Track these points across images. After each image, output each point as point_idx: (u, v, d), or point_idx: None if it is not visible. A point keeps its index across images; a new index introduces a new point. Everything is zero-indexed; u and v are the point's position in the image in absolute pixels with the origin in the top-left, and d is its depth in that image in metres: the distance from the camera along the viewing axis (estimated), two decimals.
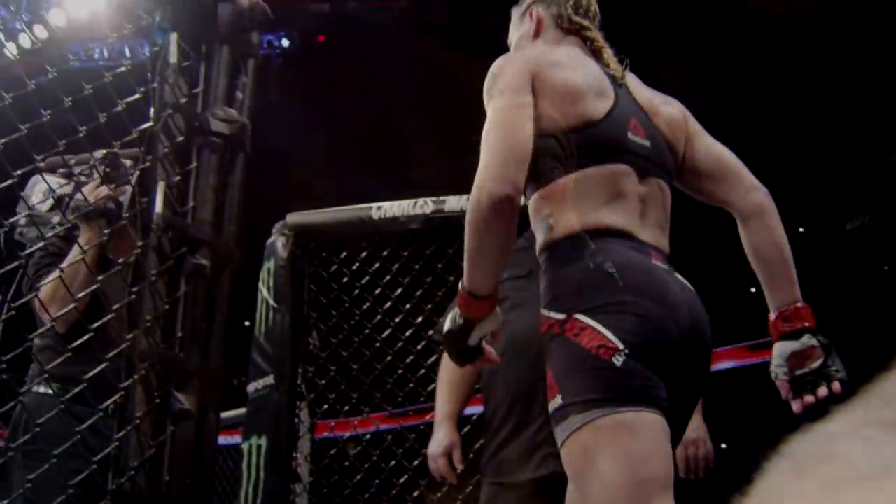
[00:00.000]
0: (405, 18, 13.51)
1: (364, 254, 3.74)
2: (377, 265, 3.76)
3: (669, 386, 1.84)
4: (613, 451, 1.73)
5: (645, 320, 1.80)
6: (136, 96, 2.52)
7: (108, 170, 2.88)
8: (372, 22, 13.65)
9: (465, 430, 3.16)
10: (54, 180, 2.89)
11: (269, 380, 3.51)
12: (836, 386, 1.99)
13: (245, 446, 3.57)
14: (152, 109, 2.53)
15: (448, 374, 2.94)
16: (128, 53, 11.73)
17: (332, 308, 3.80)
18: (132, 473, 2.27)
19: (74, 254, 2.82)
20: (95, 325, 2.41)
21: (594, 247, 1.87)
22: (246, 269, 2.60)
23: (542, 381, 2.64)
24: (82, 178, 2.89)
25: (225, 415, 3.44)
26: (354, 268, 3.75)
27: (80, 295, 2.58)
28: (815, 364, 2.02)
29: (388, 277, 3.76)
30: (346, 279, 3.78)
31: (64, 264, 2.77)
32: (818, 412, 1.97)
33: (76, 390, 2.41)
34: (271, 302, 3.59)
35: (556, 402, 1.85)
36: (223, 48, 2.65)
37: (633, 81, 2.19)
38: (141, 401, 2.30)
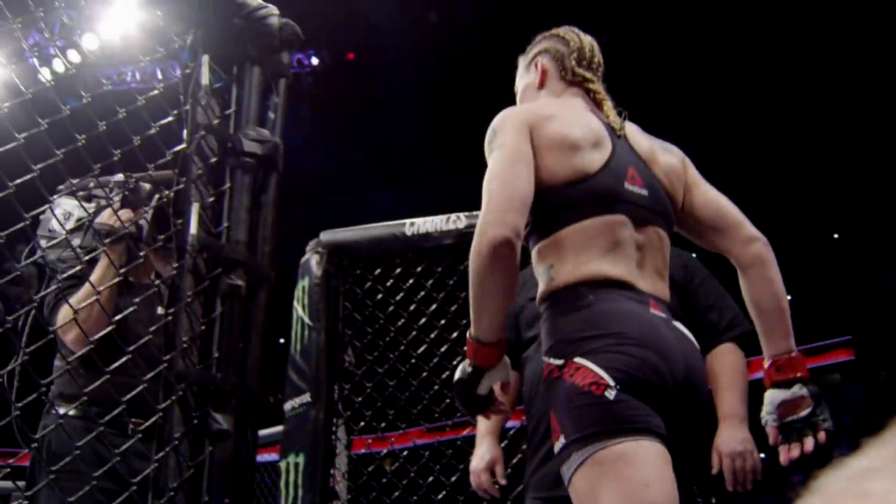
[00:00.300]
0: (434, 36, 13.57)
1: (398, 270, 3.75)
2: (411, 281, 3.77)
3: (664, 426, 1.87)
4: (614, 482, 1.76)
5: (637, 361, 1.84)
6: (170, 119, 2.54)
7: (127, 193, 2.91)
8: (401, 39, 13.71)
9: (503, 444, 3.14)
10: (74, 203, 2.92)
11: (306, 398, 3.52)
12: (822, 435, 2.03)
13: (283, 464, 3.57)
14: (185, 131, 2.55)
15: None
16: (160, 76, 11.88)
17: (366, 325, 3.80)
18: (171, 494, 2.27)
19: (96, 276, 2.84)
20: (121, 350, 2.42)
21: (592, 297, 1.92)
22: (280, 288, 2.61)
23: None
24: (102, 202, 2.92)
25: (262, 433, 3.45)
26: (388, 284, 3.76)
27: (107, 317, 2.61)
28: (804, 413, 2.06)
29: (422, 293, 3.76)
30: (380, 296, 3.78)
31: (84, 287, 2.79)
32: (809, 461, 2.05)
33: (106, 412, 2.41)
34: (306, 320, 3.60)
35: (559, 443, 1.89)
36: (254, 69, 2.67)
37: (632, 131, 2.23)
38: (179, 421, 2.31)
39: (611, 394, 1.79)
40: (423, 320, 3.78)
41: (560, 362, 1.90)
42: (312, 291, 3.63)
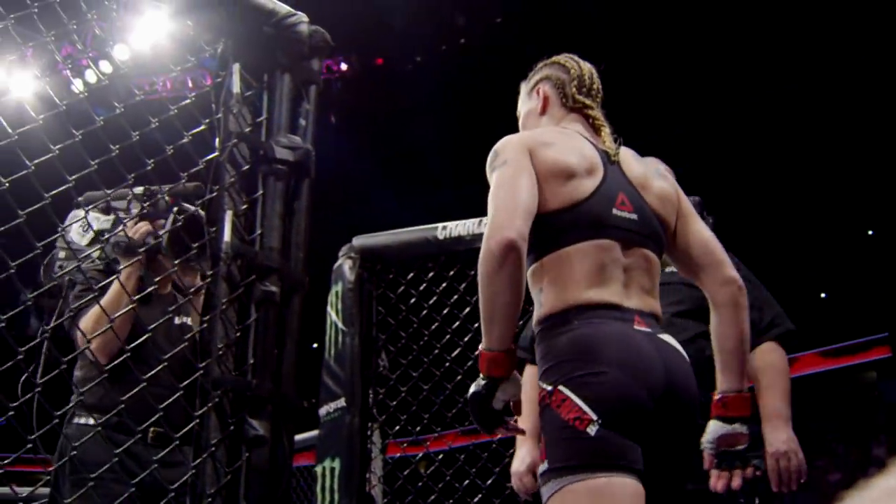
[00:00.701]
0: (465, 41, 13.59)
1: (430, 274, 3.75)
2: (444, 285, 3.77)
3: (648, 443, 1.98)
4: None
5: (617, 390, 1.94)
6: (202, 127, 2.56)
7: (146, 206, 2.93)
8: (431, 44, 13.74)
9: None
10: (92, 216, 2.95)
11: (341, 402, 3.53)
12: (749, 471, 2.25)
13: (319, 469, 3.59)
14: (217, 139, 2.57)
15: (529, 391, 2.93)
16: (190, 85, 11.97)
17: (400, 329, 3.81)
18: (209, 501, 2.29)
19: (115, 288, 2.86)
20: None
21: (577, 322, 2.02)
22: (313, 293, 2.62)
23: None
24: (121, 214, 2.94)
25: (297, 437, 3.46)
26: (421, 288, 3.76)
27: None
28: (740, 447, 2.23)
29: (455, 297, 3.76)
30: (413, 300, 3.78)
31: (105, 298, 2.81)
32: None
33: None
34: (340, 325, 3.61)
35: (542, 467, 2.00)
36: (285, 76, 2.68)
37: (627, 157, 2.31)
38: (215, 428, 2.32)
39: (592, 430, 1.90)
40: (457, 323, 3.78)
41: (549, 388, 2.00)
42: (346, 296, 3.64)
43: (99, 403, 2.79)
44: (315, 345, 3.98)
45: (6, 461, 2.26)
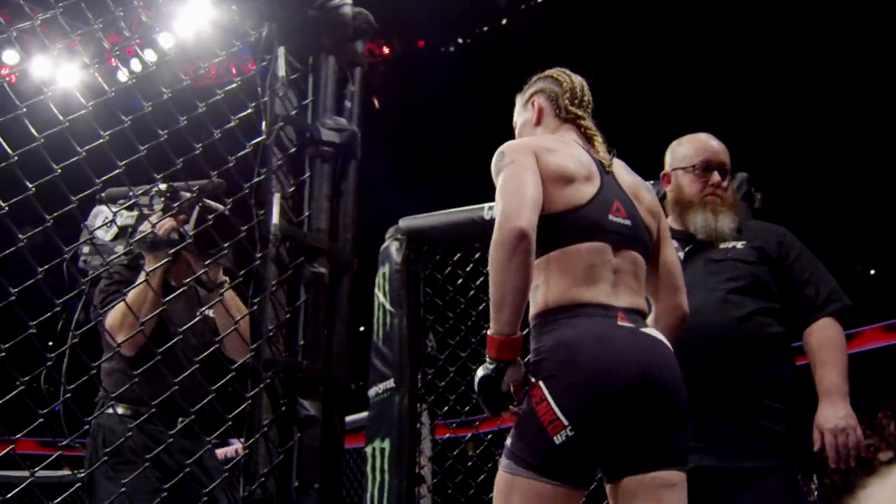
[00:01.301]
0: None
1: (477, 255, 3.73)
2: None
3: (626, 434, 2.09)
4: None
5: (590, 394, 2.06)
6: (249, 111, 2.57)
7: (169, 202, 2.98)
8: (470, 27, 13.71)
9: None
10: (115, 210, 3.00)
11: (390, 383, 3.54)
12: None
13: (368, 450, 3.61)
14: (264, 123, 2.59)
15: None
16: (234, 70, 12.05)
17: (447, 309, 3.80)
18: (262, 480, 2.32)
19: (140, 283, 2.91)
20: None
21: (563, 321, 2.14)
22: (358, 275, 2.64)
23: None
24: (144, 210, 2.99)
25: (346, 419, 3.49)
26: (468, 269, 3.75)
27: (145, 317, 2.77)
28: None
29: None
30: (460, 280, 3.78)
31: (131, 292, 2.86)
32: None
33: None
34: (388, 306, 3.62)
35: (507, 441, 2.16)
36: (329, 59, 2.69)
37: (619, 167, 2.43)
38: (267, 409, 2.35)
39: (559, 438, 2.03)
40: None
41: (533, 381, 2.11)
42: (393, 278, 3.65)
43: (129, 394, 2.86)
44: (362, 328, 3.99)
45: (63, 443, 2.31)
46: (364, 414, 3.93)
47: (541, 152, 2.26)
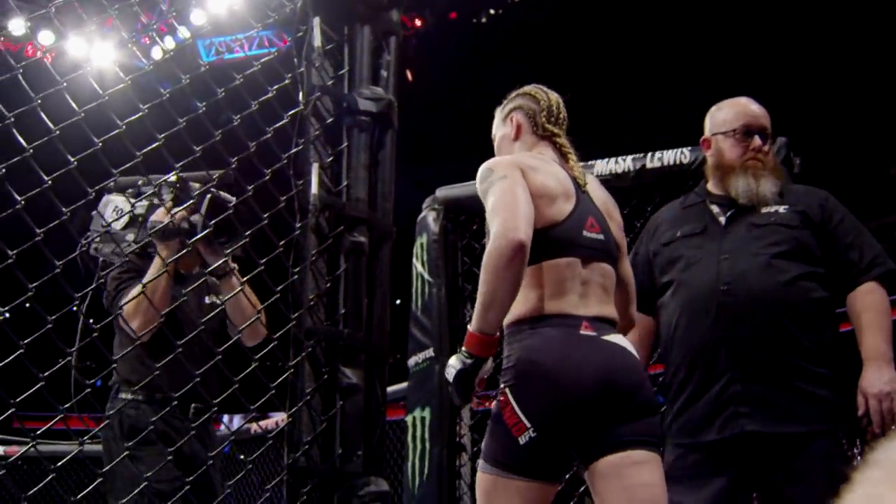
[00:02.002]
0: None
1: None
2: None
3: (588, 433, 2.25)
4: (497, 501, 2.26)
5: (550, 400, 2.22)
6: (286, 82, 2.57)
7: (179, 192, 3.02)
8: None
9: None
10: (124, 200, 3.04)
11: (429, 352, 3.55)
12: None
13: (409, 419, 3.63)
14: (301, 93, 2.59)
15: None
16: (268, 44, 12.07)
17: None
18: (306, 447, 2.34)
19: (153, 270, 2.96)
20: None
21: (529, 331, 2.30)
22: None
23: (723, 340, 2.63)
24: (154, 200, 3.04)
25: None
26: None
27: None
28: None
29: None
30: None
31: (145, 280, 2.92)
32: None
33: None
34: (426, 276, 3.63)
35: (482, 444, 2.34)
36: (364, 28, 2.68)
37: (592, 184, 2.57)
38: (309, 377, 2.37)
39: (523, 439, 2.21)
40: None
41: (501, 386, 2.29)
42: (430, 248, 3.65)
43: (141, 380, 2.93)
44: (398, 301, 4.00)
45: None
46: (403, 385, 3.96)
47: (526, 171, 2.37)
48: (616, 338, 2.36)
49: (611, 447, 2.23)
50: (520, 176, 2.33)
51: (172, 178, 2.97)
